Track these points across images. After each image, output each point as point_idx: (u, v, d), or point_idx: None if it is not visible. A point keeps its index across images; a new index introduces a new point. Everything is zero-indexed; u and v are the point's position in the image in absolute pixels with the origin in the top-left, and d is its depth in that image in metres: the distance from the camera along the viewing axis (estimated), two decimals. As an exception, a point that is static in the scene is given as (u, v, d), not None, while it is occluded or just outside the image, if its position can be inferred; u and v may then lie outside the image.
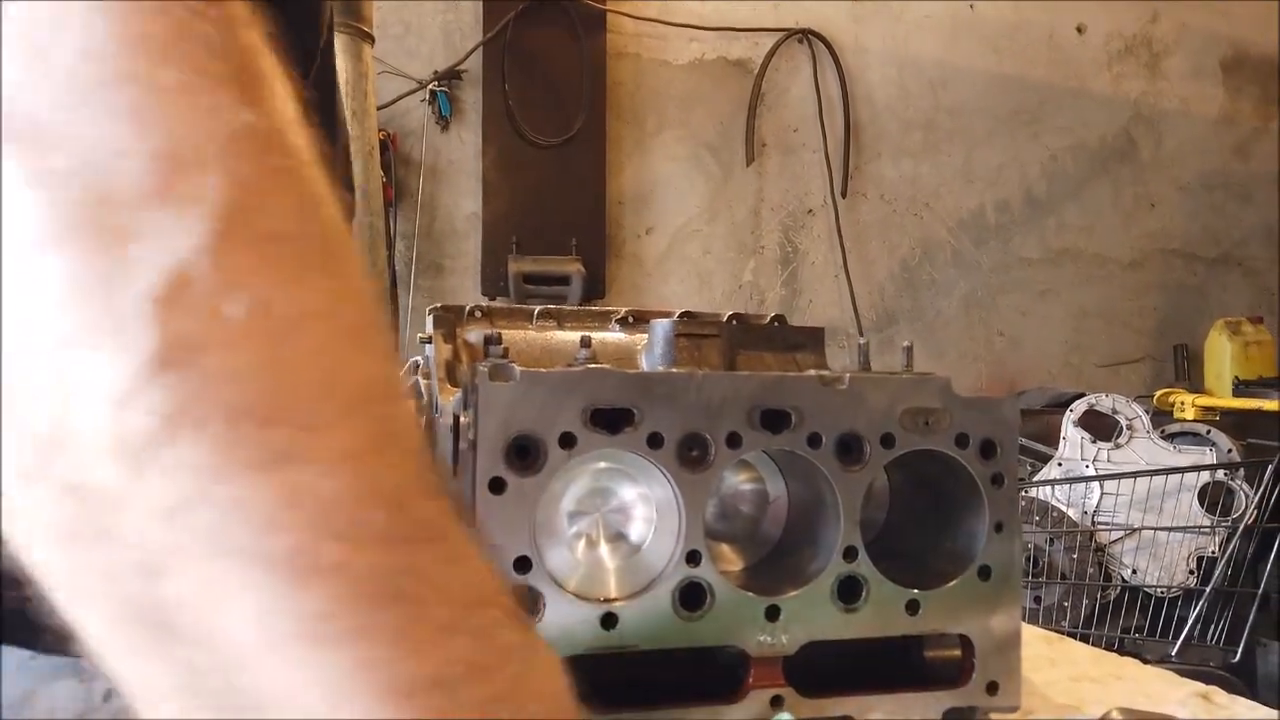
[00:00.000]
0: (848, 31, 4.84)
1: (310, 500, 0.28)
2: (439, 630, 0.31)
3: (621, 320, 1.03)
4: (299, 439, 0.29)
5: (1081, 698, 0.94)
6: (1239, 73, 5.26)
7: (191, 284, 0.28)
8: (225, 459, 0.28)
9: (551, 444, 0.69)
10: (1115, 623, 2.59)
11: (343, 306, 0.31)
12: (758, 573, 0.81)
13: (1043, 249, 5.07)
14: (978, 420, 0.78)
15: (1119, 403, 2.85)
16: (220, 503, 0.28)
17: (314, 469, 0.29)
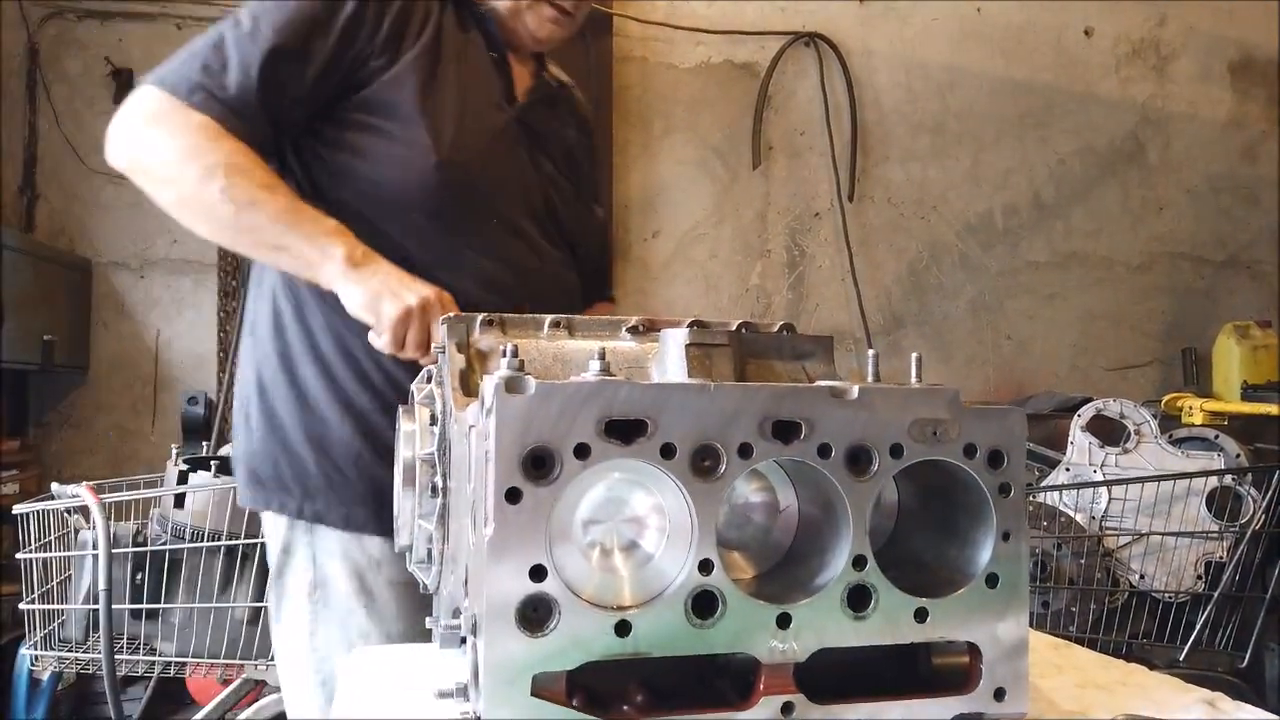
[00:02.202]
0: (854, 34, 4.85)
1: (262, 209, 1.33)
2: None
3: (632, 329, 1.04)
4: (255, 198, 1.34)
5: (1088, 704, 0.95)
6: (1246, 75, 5.25)
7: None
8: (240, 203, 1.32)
9: (566, 454, 0.70)
10: (1123, 628, 2.59)
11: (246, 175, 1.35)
12: (769, 581, 0.82)
13: (1050, 252, 5.07)
14: (985, 431, 0.79)
15: (1127, 408, 2.85)
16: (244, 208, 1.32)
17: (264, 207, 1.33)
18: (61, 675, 3.09)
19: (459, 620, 0.83)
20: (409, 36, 1.44)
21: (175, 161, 1.33)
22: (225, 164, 1.30)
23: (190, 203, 1.34)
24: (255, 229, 1.31)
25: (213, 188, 1.30)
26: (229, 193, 1.29)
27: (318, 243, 1.30)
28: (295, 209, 1.32)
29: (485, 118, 1.50)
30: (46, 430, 4.22)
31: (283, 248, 1.31)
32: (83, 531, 2.33)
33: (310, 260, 1.30)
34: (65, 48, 4.29)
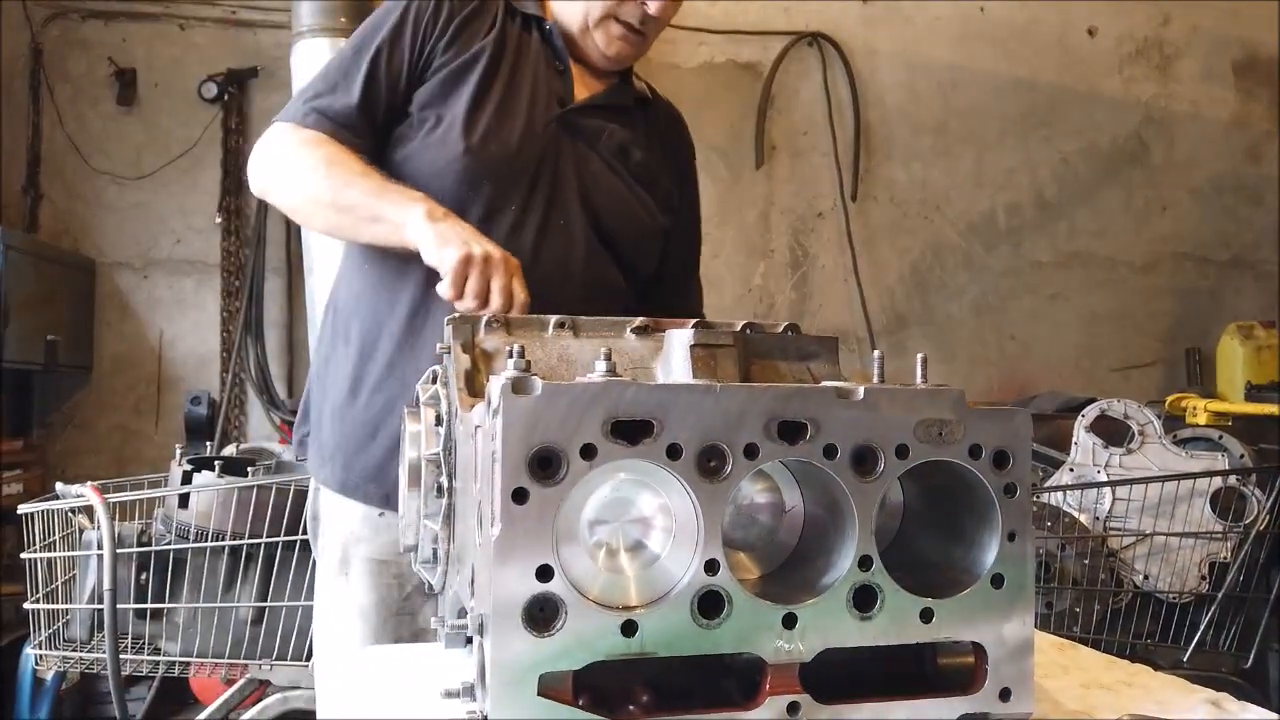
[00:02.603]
0: (858, 34, 4.85)
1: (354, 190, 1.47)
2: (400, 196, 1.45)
3: (637, 330, 1.04)
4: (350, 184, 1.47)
5: (1093, 704, 0.95)
6: (1251, 75, 5.25)
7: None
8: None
9: (573, 455, 0.71)
10: (1127, 628, 2.58)
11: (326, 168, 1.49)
12: (774, 581, 0.83)
13: (1054, 252, 5.07)
14: (990, 431, 0.79)
15: (1131, 408, 2.84)
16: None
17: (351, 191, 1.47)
18: (65, 675, 3.10)
19: (465, 620, 0.83)
20: (472, 38, 1.56)
21: (291, 167, 1.52)
22: (327, 158, 1.47)
23: (305, 195, 1.51)
24: (353, 206, 1.45)
25: (318, 177, 1.47)
26: (330, 179, 1.46)
27: (403, 206, 1.41)
28: (385, 186, 1.45)
29: (525, 115, 1.55)
30: (50, 430, 4.23)
31: (377, 218, 1.44)
32: (87, 531, 2.33)
33: (398, 223, 1.41)
34: (69, 48, 4.30)
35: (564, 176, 1.57)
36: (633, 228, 1.64)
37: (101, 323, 4.29)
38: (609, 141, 1.62)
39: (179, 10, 4.34)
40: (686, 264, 1.82)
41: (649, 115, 1.73)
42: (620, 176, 1.62)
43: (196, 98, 4.26)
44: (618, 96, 1.67)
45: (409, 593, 1.54)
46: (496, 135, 1.51)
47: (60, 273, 4.02)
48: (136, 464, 4.11)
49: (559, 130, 1.57)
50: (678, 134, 1.80)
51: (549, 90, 1.58)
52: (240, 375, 4.25)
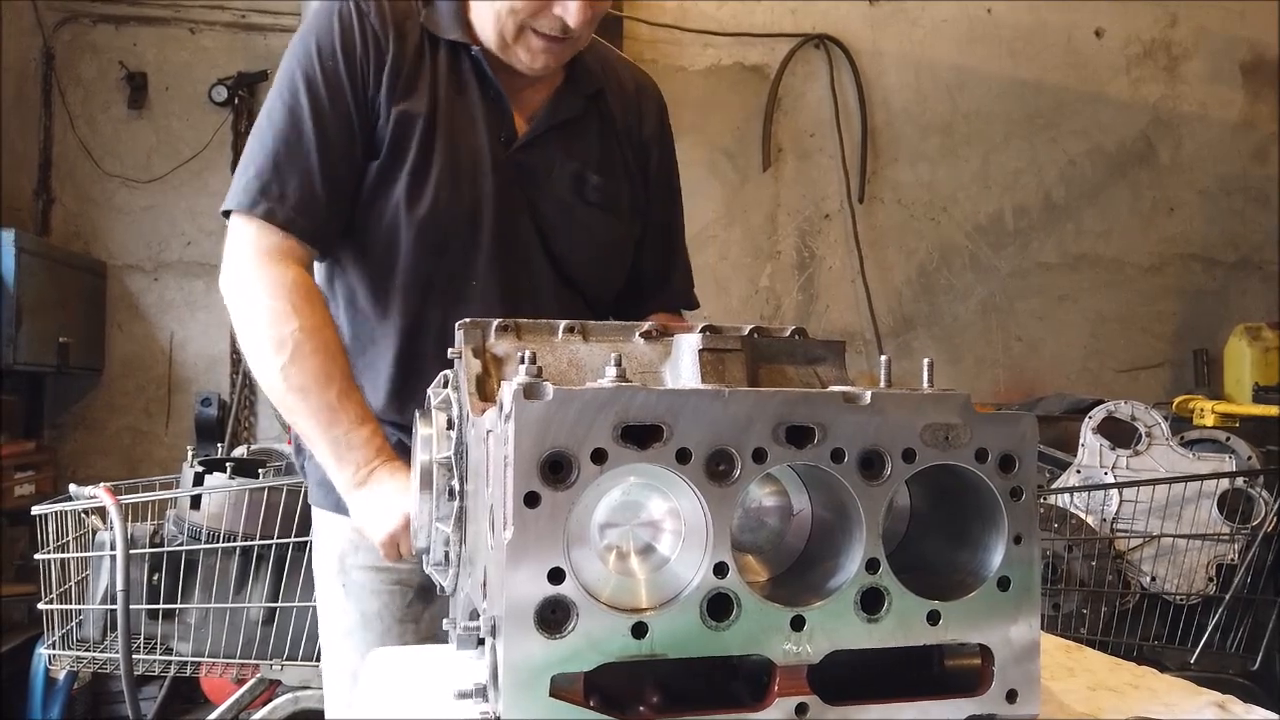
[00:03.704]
0: (864, 36, 4.85)
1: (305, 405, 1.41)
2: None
3: (646, 334, 1.05)
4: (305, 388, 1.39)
5: (1099, 706, 0.96)
6: (1258, 76, 5.24)
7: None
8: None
9: (584, 459, 0.72)
10: (1134, 630, 2.58)
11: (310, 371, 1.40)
12: (783, 584, 0.83)
13: (1061, 254, 5.06)
14: (997, 435, 0.80)
15: (1138, 409, 2.84)
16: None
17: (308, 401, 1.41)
18: (77, 675, 3.12)
19: (477, 622, 0.84)
20: (410, 93, 1.46)
21: (254, 326, 1.42)
22: (293, 341, 1.38)
23: (257, 363, 1.43)
24: (294, 417, 1.41)
25: (276, 362, 1.39)
26: (286, 372, 1.38)
27: (339, 455, 1.38)
28: (332, 411, 1.38)
29: (467, 171, 1.47)
30: (61, 431, 4.26)
31: (311, 443, 1.42)
32: (100, 532, 2.35)
33: (327, 465, 1.40)
34: (80, 52, 4.33)
35: (522, 231, 1.50)
36: (597, 261, 1.58)
37: (112, 325, 4.31)
38: (561, 174, 1.53)
39: (189, 14, 4.37)
40: (666, 248, 1.72)
41: (603, 108, 1.60)
42: (576, 211, 1.54)
43: (207, 101, 4.29)
44: (564, 110, 1.55)
45: (410, 599, 1.54)
46: (448, 207, 1.45)
47: (71, 275, 4.05)
48: (147, 465, 4.14)
49: (507, 175, 1.49)
50: (639, 109, 1.66)
51: (487, 132, 1.49)
52: (250, 376, 4.27)
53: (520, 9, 1.41)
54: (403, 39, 1.47)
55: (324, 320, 1.42)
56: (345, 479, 1.38)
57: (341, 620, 1.58)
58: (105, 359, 4.29)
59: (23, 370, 3.74)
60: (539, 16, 1.42)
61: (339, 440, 1.37)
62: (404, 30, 1.48)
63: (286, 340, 1.37)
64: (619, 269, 1.64)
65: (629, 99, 1.65)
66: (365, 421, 1.38)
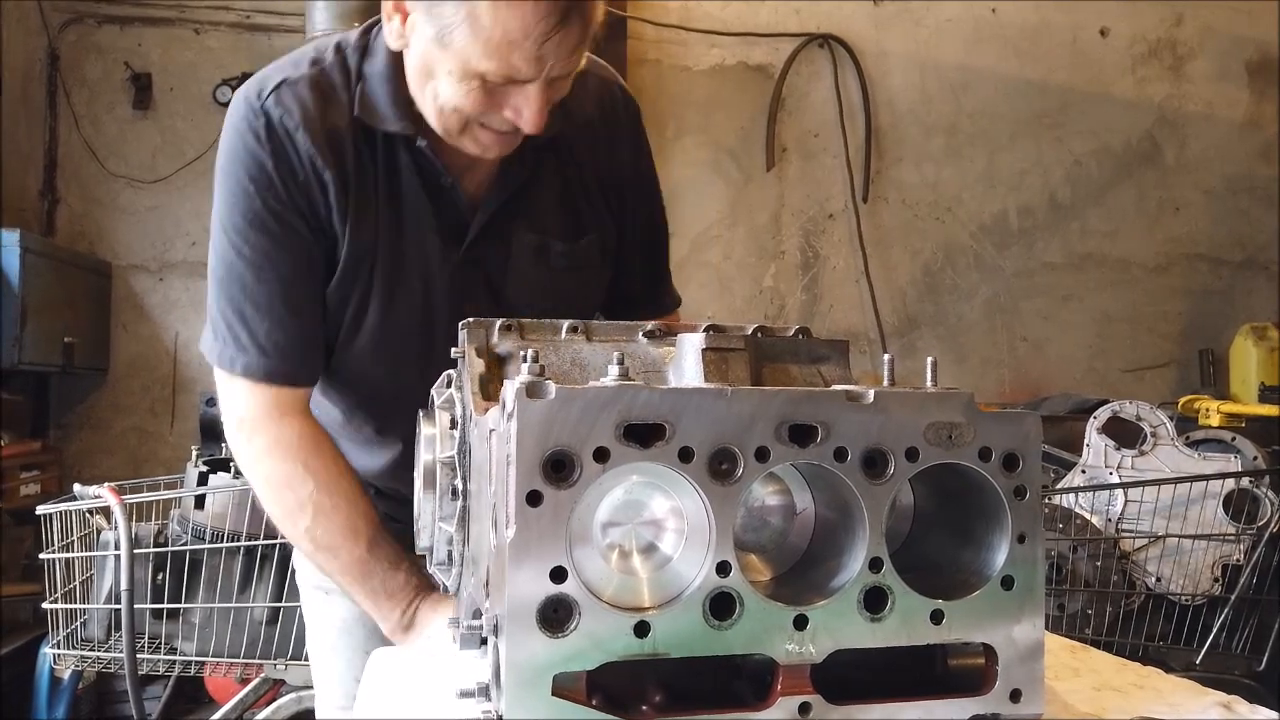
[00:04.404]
0: (869, 36, 4.85)
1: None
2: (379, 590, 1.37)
3: (649, 334, 1.05)
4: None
5: (1104, 706, 0.95)
6: (1264, 75, 5.22)
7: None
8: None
9: (586, 458, 0.71)
10: (1139, 631, 2.58)
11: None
12: (786, 583, 0.83)
13: (1066, 253, 5.05)
14: (1001, 434, 0.80)
15: (1143, 409, 2.83)
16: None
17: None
18: (82, 674, 3.12)
19: (480, 621, 0.84)
20: (363, 213, 1.34)
21: (271, 490, 1.39)
22: (313, 503, 1.34)
23: (282, 525, 1.41)
24: (329, 572, 1.40)
25: (300, 525, 1.36)
26: (312, 534, 1.36)
27: (378, 604, 1.36)
28: (365, 564, 1.34)
29: (419, 285, 1.37)
30: (66, 431, 4.27)
31: (350, 592, 1.39)
32: (105, 532, 2.36)
33: (370, 612, 1.38)
34: (85, 53, 4.34)
35: (480, 311, 1.32)
36: (568, 313, 1.44)
37: (117, 325, 4.32)
38: (521, 252, 1.41)
39: (194, 15, 4.37)
40: (649, 266, 1.61)
41: (563, 157, 1.44)
42: (543, 282, 1.42)
43: (211, 101, 4.30)
44: (514, 176, 1.39)
45: None
46: (400, 332, 1.37)
47: (77, 276, 4.06)
48: (151, 465, 4.14)
49: (465, 269, 1.38)
50: (608, 139, 1.49)
51: (438, 230, 1.36)
52: (254, 377, 4.27)
53: (466, 109, 1.25)
54: (338, 149, 1.32)
55: (339, 470, 1.37)
56: (391, 625, 1.35)
57: (324, 625, 1.60)
58: (110, 359, 4.30)
59: (28, 370, 3.75)
60: (488, 114, 1.26)
61: (377, 590, 1.35)
62: (336, 138, 1.32)
63: (306, 503, 1.34)
64: (593, 307, 1.55)
65: (595, 130, 1.47)
66: (399, 566, 1.34)
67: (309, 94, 1.31)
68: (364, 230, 1.34)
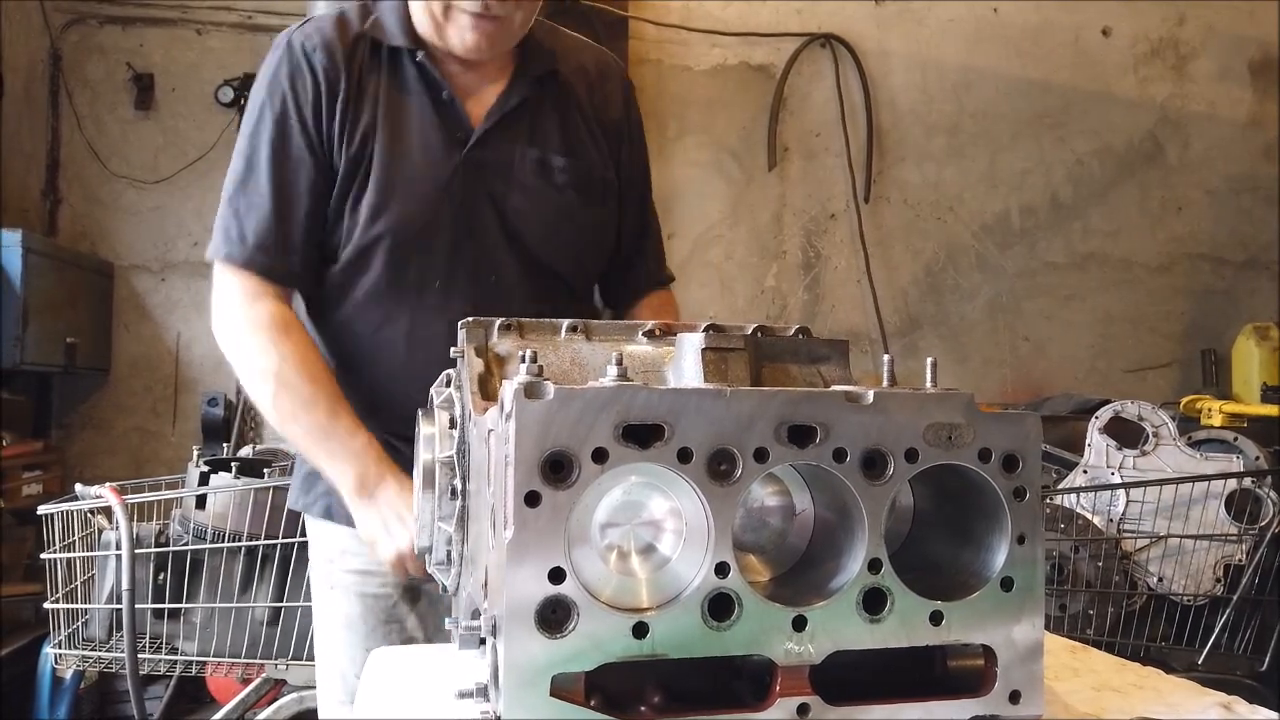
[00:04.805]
0: (870, 36, 4.85)
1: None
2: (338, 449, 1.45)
3: (649, 333, 1.05)
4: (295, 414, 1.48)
5: (1104, 707, 0.95)
6: (1267, 75, 5.21)
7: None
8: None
9: (584, 459, 0.71)
10: (1141, 631, 2.57)
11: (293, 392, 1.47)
12: (785, 584, 0.83)
13: (1068, 253, 5.05)
14: (1000, 435, 0.80)
15: (1145, 410, 2.83)
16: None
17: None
18: (84, 674, 3.13)
19: (478, 622, 0.84)
20: (361, 112, 1.49)
21: (241, 360, 1.50)
22: (275, 373, 1.45)
23: (254, 397, 1.52)
24: (294, 440, 1.50)
25: (265, 393, 1.47)
26: (275, 403, 1.46)
27: (336, 467, 1.44)
28: (326, 429, 1.44)
29: (420, 176, 1.48)
30: (68, 431, 4.27)
31: (314, 461, 1.48)
32: (106, 532, 2.36)
33: (330, 480, 1.46)
34: (87, 53, 4.35)
35: (485, 227, 1.50)
36: (571, 244, 1.57)
37: (119, 325, 4.33)
38: (523, 162, 1.52)
39: (196, 15, 4.38)
40: (639, 227, 1.71)
41: (561, 90, 1.58)
42: (545, 197, 1.52)
43: (213, 102, 4.30)
44: (515, 95, 1.53)
45: (394, 602, 1.57)
46: (400, 210, 1.46)
47: (79, 276, 4.06)
48: (153, 465, 4.15)
49: (466, 175, 1.49)
50: (603, 90, 1.63)
51: (442, 134, 1.49)
52: (256, 377, 4.28)
53: None
54: (351, 63, 1.50)
55: (305, 348, 1.47)
56: (347, 489, 1.42)
57: (330, 620, 1.62)
58: (112, 359, 4.30)
59: (30, 370, 3.76)
60: None
61: (335, 453, 1.43)
62: (352, 54, 1.50)
63: (269, 372, 1.45)
64: (597, 252, 1.63)
65: (591, 81, 1.63)
66: (357, 434, 1.43)
67: (328, 24, 1.53)
68: (369, 131, 1.47)
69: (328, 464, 1.44)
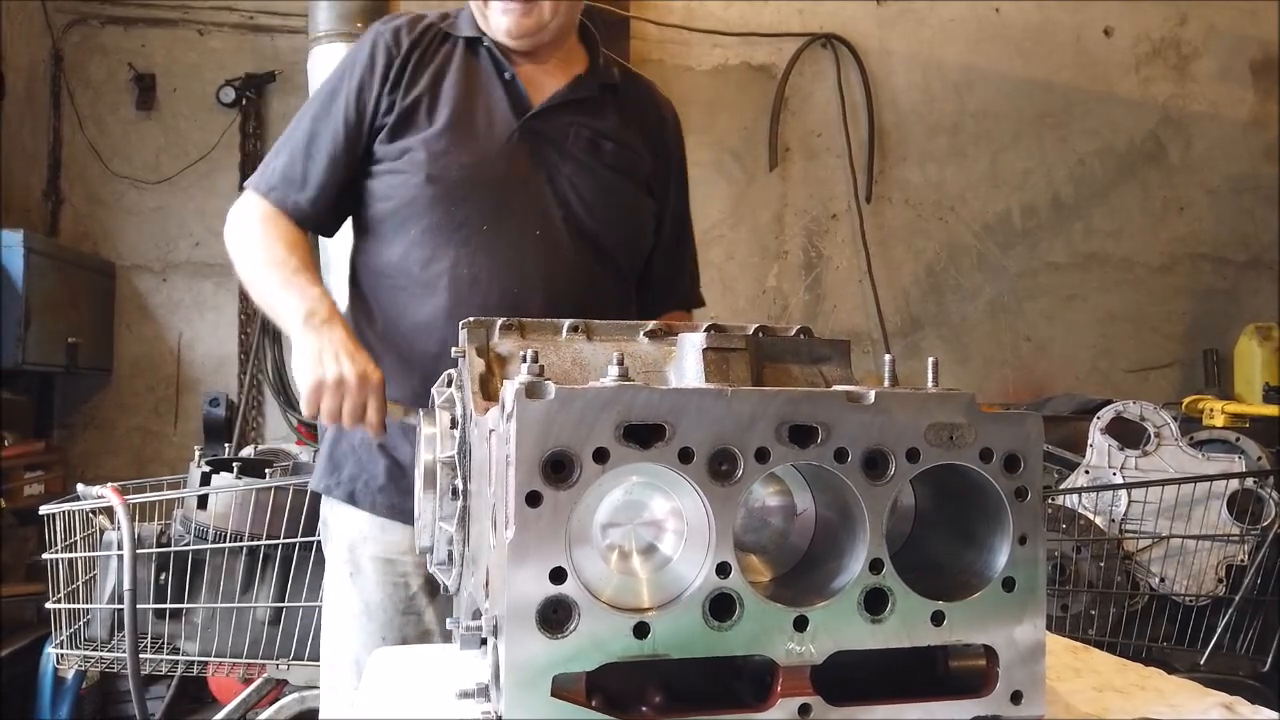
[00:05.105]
0: (872, 35, 4.84)
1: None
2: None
3: (650, 333, 1.05)
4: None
5: (1105, 707, 0.95)
6: (1268, 75, 5.21)
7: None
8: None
9: (586, 459, 0.71)
10: (1143, 632, 2.57)
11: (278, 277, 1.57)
12: (786, 584, 0.83)
13: (1070, 253, 5.04)
14: (1002, 435, 0.80)
15: (1147, 410, 2.83)
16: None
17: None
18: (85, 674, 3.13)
19: (480, 622, 0.84)
20: (419, 77, 1.64)
21: (238, 248, 1.64)
22: (260, 238, 1.60)
23: (244, 278, 1.63)
24: (263, 297, 1.58)
25: (244, 255, 1.61)
26: (253, 269, 1.59)
27: (289, 302, 1.51)
28: (289, 279, 1.54)
29: (483, 134, 1.60)
30: (70, 431, 4.27)
31: (276, 315, 1.56)
32: (108, 532, 2.36)
33: (282, 316, 1.53)
34: (89, 54, 4.35)
35: (535, 185, 1.60)
36: (617, 221, 1.66)
37: (121, 325, 4.33)
38: (577, 139, 1.64)
39: (197, 16, 4.38)
40: (675, 243, 1.82)
41: (620, 100, 1.72)
42: (595, 172, 1.63)
43: (215, 102, 4.30)
44: (580, 90, 1.67)
45: (414, 593, 1.60)
46: (455, 159, 1.58)
47: (81, 276, 4.07)
48: (155, 465, 4.15)
49: (523, 140, 1.61)
50: (659, 115, 1.79)
51: (505, 105, 1.63)
52: (258, 377, 4.28)
53: None
54: (415, 44, 1.66)
55: (288, 235, 1.60)
56: (295, 319, 1.48)
57: (346, 607, 1.63)
58: (114, 359, 4.30)
59: (32, 370, 3.76)
60: None
61: (291, 293, 1.51)
62: (418, 39, 1.67)
63: (255, 240, 1.60)
64: (639, 234, 1.71)
65: (649, 104, 1.78)
66: (316, 285, 1.54)
67: (405, 18, 1.71)
68: (421, 96, 1.61)
69: (282, 300, 1.52)
